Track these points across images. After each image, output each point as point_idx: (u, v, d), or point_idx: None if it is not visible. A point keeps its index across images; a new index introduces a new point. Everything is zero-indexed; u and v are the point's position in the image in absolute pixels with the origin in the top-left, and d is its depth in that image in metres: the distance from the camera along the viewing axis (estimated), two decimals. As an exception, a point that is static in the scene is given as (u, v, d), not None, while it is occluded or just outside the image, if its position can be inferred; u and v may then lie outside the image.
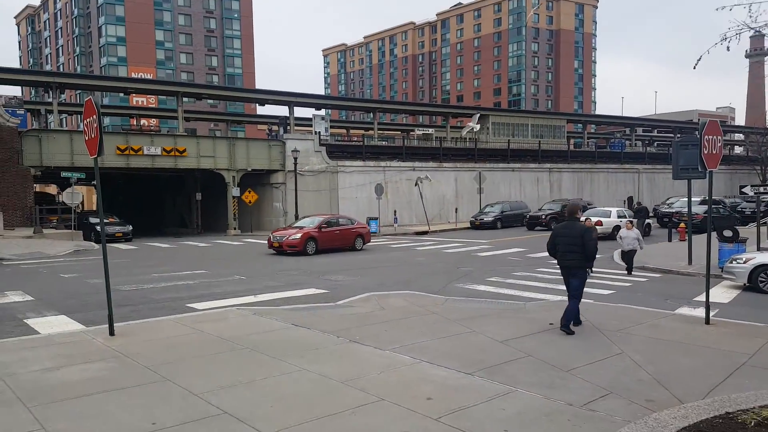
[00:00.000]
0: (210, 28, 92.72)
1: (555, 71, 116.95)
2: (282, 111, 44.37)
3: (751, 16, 4.11)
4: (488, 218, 34.32)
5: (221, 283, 14.33)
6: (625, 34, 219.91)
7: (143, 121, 67.07)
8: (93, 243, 25.83)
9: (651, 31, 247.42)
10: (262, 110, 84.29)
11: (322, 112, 46.43)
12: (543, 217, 32.72)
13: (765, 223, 21.32)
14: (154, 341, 8.17)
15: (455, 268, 17.35)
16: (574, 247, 8.62)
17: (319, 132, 39.91)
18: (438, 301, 11.37)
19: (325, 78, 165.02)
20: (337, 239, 22.41)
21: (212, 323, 9.29)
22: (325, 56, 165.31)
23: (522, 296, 12.35)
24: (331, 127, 51.55)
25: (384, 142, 52.32)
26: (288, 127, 39.66)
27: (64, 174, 27.98)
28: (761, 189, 20.26)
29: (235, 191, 33.44)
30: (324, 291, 13.12)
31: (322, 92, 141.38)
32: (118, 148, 30.52)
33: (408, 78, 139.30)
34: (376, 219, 31.75)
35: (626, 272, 15.90)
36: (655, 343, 8.08)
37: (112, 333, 8.35)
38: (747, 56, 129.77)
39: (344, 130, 65.41)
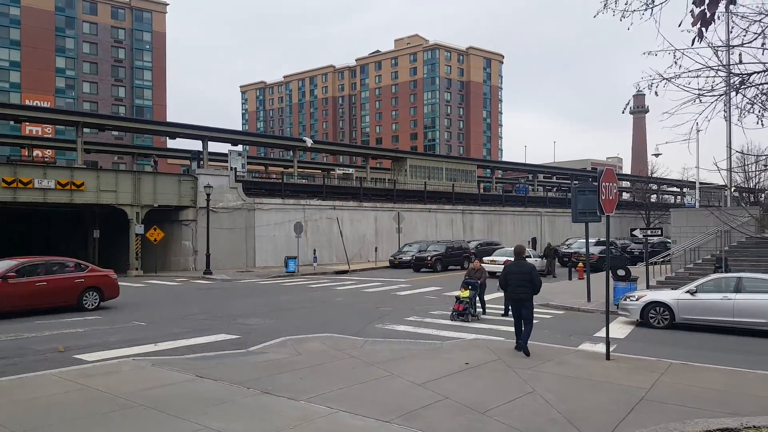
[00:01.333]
0: (118, 58, 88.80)
1: (466, 120, 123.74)
2: (196, 146, 42.65)
3: (676, 62, 4.25)
4: (406, 257, 34.41)
5: (116, 331, 12.96)
6: (527, 89, 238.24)
7: (37, 152, 62.16)
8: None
9: (549, 88, 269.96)
10: (174, 144, 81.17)
11: (239, 147, 45.12)
12: (429, 258, 31.59)
13: (653, 262, 23.09)
14: (30, 401, 7.02)
15: (375, 308, 16.96)
16: (524, 282, 9.96)
17: (235, 168, 38.66)
18: (357, 343, 10.96)
19: (243, 114, 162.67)
20: (43, 294, 15.38)
21: (102, 377, 8.20)
22: (243, 92, 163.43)
23: (439, 335, 12.36)
24: (249, 163, 50.30)
25: (304, 181, 51.71)
26: (201, 162, 38.12)
27: None
28: (648, 232, 22.18)
29: (138, 228, 31.31)
30: (235, 336, 12.18)
31: (239, 128, 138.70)
32: (4, 181, 27.72)
33: (328, 118, 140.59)
34: (294, 258, 30.82)
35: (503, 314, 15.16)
36: (563, 380, 8.31)
37: (-26, 393, 7.07)
38: (631, 112, 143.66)
39: (262, 168, 64.14)
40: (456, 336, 12.18)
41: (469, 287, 14.85)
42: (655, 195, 73.56)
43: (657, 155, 45.16)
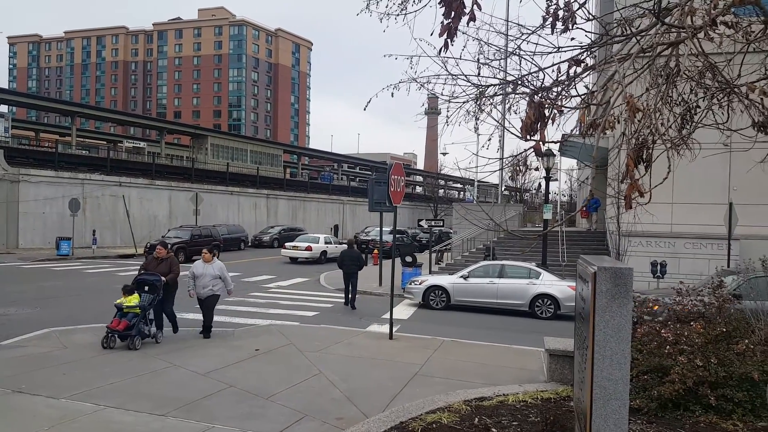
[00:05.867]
0: None
1: (273, 103, 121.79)
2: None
3: (412, 68, 4.68)
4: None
5: None
6: (335, 80, 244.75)
7: None
8: None
9: (356, 82, 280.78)
10: None
11: (4, 108, 37.93)
12: (169, 246, 26.13)
13: (436, 250, 25.55)
14: None
15: (163, 295, 15.74)
16: (355, 262, 15.03)
17: (-6, 131, 32.47)
18: (138, 334, 9.99)
19: (10, 70, 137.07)
20: None
21: None
22: (11, 45, 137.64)
23: (232, 322, 12.11)
24: (15, 127, 42.63)
25: (85, 152, 45.68)
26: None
27: None
28: (433, 222, 24.58)
29: None
30: (-19, 329, 10.23)
31: (5, 86, 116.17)
32: None
33: (118, 84, 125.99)
34: (69, 239, 27.01)
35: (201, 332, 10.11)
36: (349, 360, 8.72)
37: None
38: (426, 113, 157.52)
39: (32, 134, 54.92)
40: (250, 322, 12.03)
41: (145, 289, 9.22)
42: (442, 190, 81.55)
43: (445, 154, 50.13)
